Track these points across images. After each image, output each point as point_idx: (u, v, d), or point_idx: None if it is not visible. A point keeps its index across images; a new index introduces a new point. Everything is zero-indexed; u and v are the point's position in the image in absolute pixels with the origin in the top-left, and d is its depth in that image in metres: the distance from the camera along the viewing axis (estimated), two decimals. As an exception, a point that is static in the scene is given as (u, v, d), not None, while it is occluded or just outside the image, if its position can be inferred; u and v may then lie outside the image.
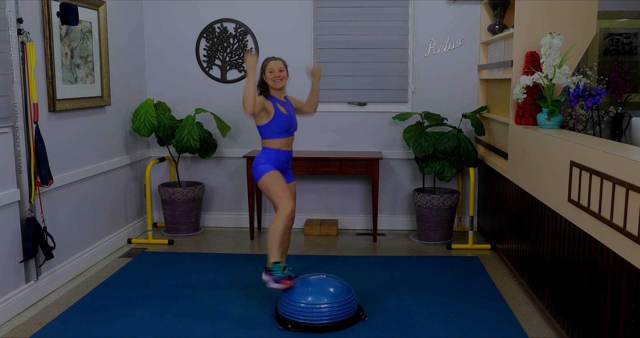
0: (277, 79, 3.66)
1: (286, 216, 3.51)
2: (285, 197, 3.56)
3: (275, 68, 3.67)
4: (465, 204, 5.48)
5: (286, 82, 3.72)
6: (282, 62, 3.71)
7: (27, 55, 3.55)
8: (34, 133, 3.62)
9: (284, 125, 3.67)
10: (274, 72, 3.66)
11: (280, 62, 3.70)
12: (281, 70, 3.68)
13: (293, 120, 3.74)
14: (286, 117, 3.69)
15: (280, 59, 3.73)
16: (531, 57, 3.99)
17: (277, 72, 3.67)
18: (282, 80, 3.68)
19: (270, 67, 3.68)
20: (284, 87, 3.75)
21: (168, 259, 4.60)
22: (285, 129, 3.67)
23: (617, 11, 5.59)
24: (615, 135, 5.48)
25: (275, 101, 3.68)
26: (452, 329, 3.31)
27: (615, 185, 2.48)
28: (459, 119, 5.28)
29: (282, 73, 3.68)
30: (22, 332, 3.30)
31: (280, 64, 3.69)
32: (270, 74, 3.67)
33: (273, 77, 3.66)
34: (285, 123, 3.67)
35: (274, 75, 3.66)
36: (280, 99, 3.73)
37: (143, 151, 5.46)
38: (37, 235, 3.66)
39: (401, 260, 4.60)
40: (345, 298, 3.34)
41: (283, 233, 3.53)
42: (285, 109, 3.72)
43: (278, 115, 3.65)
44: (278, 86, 3.67)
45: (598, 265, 2.69)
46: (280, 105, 3.70)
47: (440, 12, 5.26)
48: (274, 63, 3.69)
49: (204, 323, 3.39)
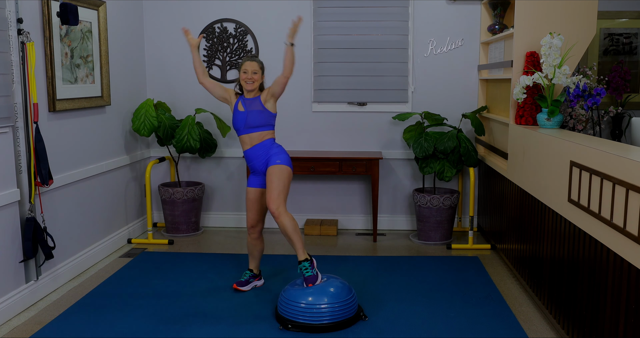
0: (249, 81, 3.65)
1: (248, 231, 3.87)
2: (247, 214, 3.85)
3: (249, 69, 3.65)
4: (465, 204, 5.48)
5: (258, 84, 3.69)
6: (257, 64, 3.67)
7: (27, 55, 3.55)
8: (34, 133, 3.62)
9: (237, 123, 3.71)
10: (247, 74, 3.65)
11: (255, 64, 3.66)
12: (255, 72, 3.65)
13: (247, 117, 3.65)
14: (239, 113, 3.69)
15: (256, 61, 3.68)
16: (531, 57, 3.99)
17: (250, 73, 3.64)
18: (254, 82, 3.66)
19: (245, 67, 3.66)
20: (256, 90, 3.71)
21: (168, 259, 4.60)
22: (238, 126, 3.71)
23: (617, 11, 5.59)
24: (615, 135, 5.48)
25: (241, 99, 3.74)
26: (452, 329, 3.31)
27: (615, 185, 2.48)
28: (459, 119, 5.28)
29: (256, 75, 3.65)
30: (22, 332, 3.30)
31: (255, 66, 3.65)
32: (243, 75, 3.66)
33: (245, 78, 3.65)
34: (237, 120, 3.70)
35: (247, 76, 3.65)
36: (249, 97, 3.72)
37: (143, 151, 5.46)
38: (37, 235, 3.66)
39: (401, 260, 4.60)
40: (345, 298, 3.34)
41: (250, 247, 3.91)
42: (244, 105, 3.69)
43: (235, 112, 3.72)
44: (248, 88, 3.66)
45: (598, 265, 2.69)
46: (241, 102, 3.71)
47: (440, 12, 5.26)
48: (249, 64, 3.65)
49: (204, 323, 3.39)
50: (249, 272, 3.95)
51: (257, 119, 3.66)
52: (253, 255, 3.93)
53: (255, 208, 3.80)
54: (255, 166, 3.73)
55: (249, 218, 3.82)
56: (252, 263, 3.95)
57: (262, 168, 3.71)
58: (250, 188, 3.80)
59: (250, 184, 3.80)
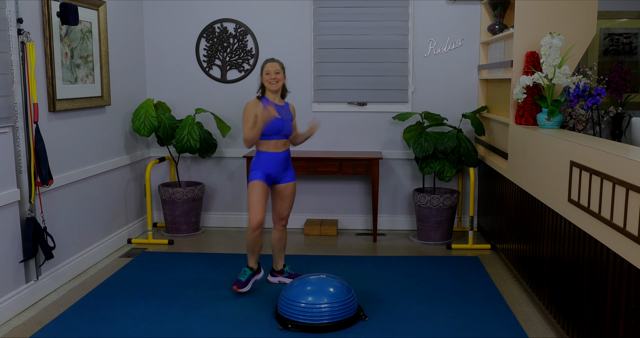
0: (273, 81, 3.74)
1: (251, 228, 3.74)
2: (254, 208, 3.72)
3: (272, 70, 3.74)
4: (465, 204, 5.48)
5: (282, 84, 3.80)
6: (279, 64, 3.78)
7: (27, 55, 3.55)
8: (34, 133, 3.62)
9: (273, 128, 3.72)
10: (270, 74, 3.74)
11: (277, 64, 3.76)
12: (277, 72, 3.75)
13: (284, 125, 3.77)
14: (276, 120, 3.73)
15: (277, 62, 3.79)
16: (531, 57, 3.99)
17: (273, 74, 3.74)
18: (278, 82, 3.76)
19: (267, 69, 3.75)
20: (280, 90, 3.82)
21: (168, 259, 4.60)
22: (274, 131, 3.73)
23: (617, 11, 5.59)
24: (615, 135, 5.48)
25: (266, 103, 3.76)
26: (452, 329, 3.31)
27: (615, 185, 2.48)
28: (459, 119, 5.28)
29: (278, 75, 3.75)
30: (22, 332, 3.30)
31: (276, 66, 3.76)
32: (266, 76, 3.75)
33: (269, 79, 3.74)
34: (274, 125, 3.72)
35: (270, 77, 3.74)
36: (274, 102, 3.80)
37: (143, 151, 5.46)
38: (37, 235, 3.66)
39: (401, 260, 4.60)
40: (345, 298, 3.34)
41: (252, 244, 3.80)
42: (278, 111, 3.77)
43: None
44: (273, 88, 3.75)
45: (598, 265, 2.69)
46: (271, 107, 3.74)
47: (440, 12, 5.26)
48: (271, 65, 3.76)
49: (204, 323, 3.39)
50: (248, 269, 3.92)
51: (289, 128, 3.81)
52: (254, 251, 3.88)
53: (264, 202, 3.78)
54: (272, 169, 3.78)
55: (257, 213, 3.71)
56: (252, 259, 3.91)
57: (276, 173, 3.80)
58: (261, 183, 3.75)
59: (259, 177, 3.76)
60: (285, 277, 4.05)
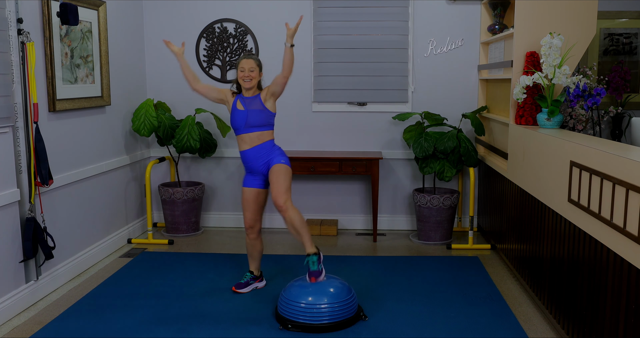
0: (247, 79, 3.65)
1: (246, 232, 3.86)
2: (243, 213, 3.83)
3: (246, 67, 3.64)
4: (465, 204, 5.48)
5: (256, 82, 3.68)
6: (254, 62, 3.66)
7: (27, 55, 3.55)
8: (34, 133, 3.61)
9: (236, 122, 3.68)
10: (244, 72, 3.64)
11: (252, 61, 3.65)
12: (252, 70, 3.64)
13: (247, 116, 3.64)
14: (239, 112, 3.66)
15: (253, 58, 3.67)
16: (531, 57, 3.99)
17: (247, 71, 3.64)
18: (252, 80, 3.65)
19: (242, 65, 3.65)
20: (254, 87, 3.70)
21: (168, 259, 4.60)
22: (237, 125, 3.68)
23: (617, 11, 5.59)
24: (615, 135, 5.48)
25: (240, 98, 3.71)
26: (452, 329, 3.31)
27: (615, 185, 2.48)
28: (459, 119, 5.28)
29: (253, 73, 3.64)
30: (22, 332, 3.30)
31: (251, 63, 3.64)
32: (240, 73, 3.66)
33: (242, 76, 3.65)
34: (237, 119, 3.67)
35: (244, 74, 3.64)
36: (248, 96, 3.71)
37: (143, 151, 5.46)
38: (37, 235, 3.66)
39: (401, 260, 4.60)
40: (345, 298, 3.34)
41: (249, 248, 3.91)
42: (244, 104, 3.68)
43: (233, 111, 3.69)
44: (246, 86, 3.66)
45: (598, 265, 2.69)
46: (240, 100, 3.69)
47: (440, 12, 5.26)
48: (246, 62, 3.65)
49: (204, 323, 3.39)
50: (249, 273, 3.94)
51: (257, 118, 3.66)
52: (252, 256, 3.92)
53: (252, 208, 3.80)
54: (253, 167, 3.73)
55: (246, 218, 3.81)
56: (252, 264, 3.95)
57: (261, 169, 3.71)
58: (246, 189, 3.79)
59: (246, 184, 3.79)
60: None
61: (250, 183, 3.78)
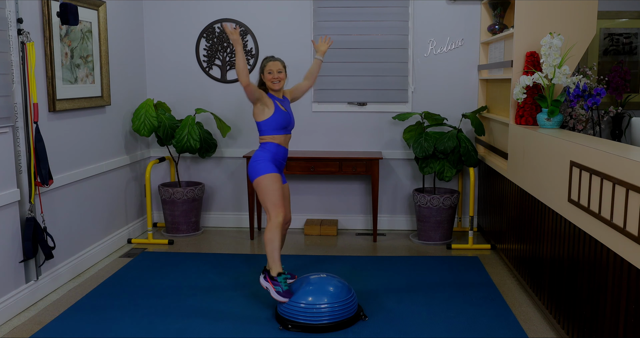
0: (276, 80, 3.69)
1: (279, 225, 3.50)
2: (279, 206, 3.53)
3: (274, 69, 3.68)
4: (465, 204, 5.48)
5: (284, 83, 3.75)
6: (280, 63, 3.73)
7: (27, 55, 3.55)
8: (34, 133, 3.62)
9: (283, 122, 3.68)
10: (273, 73, 3.68)
11: (279, 63, 3.71)
12: (280, 71, 3.69)
13: (292, 118, 3.77)
14: (285, 114, 3.71)
15: (279, 60, 3.74)
16: (531, 57, 3.99)
17: (275, 73, 3.68)
18: (281, 81, 3.70)
19: (269, 68, 3.69)
20: (282, 88, 3.78)
21: (168, 259, 4.60)
22: (284, 125, 3.69)
23: (617, 11, 5.59)
24: (615, 135, 5.48)
25: (274, 99, 3.72)
26: (452, 329, 3.31)
27: (615, 185, 2.48)
28: (459, 119, 5.28)
29: (281, 74, 3.70)
30: (22, 332, 3.30)
31: (279, 65, 3.70)
32: (269, 75, 3.69)
33: (271, 78, 3.69)
34: (284, 120, 3.69)
35: (273, 76, 3.68)
36: (278, 97, 3.76)
37: (143, 151, 5.46)
38: (37, 235, 3.66)
39: (401, 260, 4.60)
40: (345, 298, 3.34)
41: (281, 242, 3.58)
42: (284, 106, 3.75)
43: (278, 111, 3.67)
44: (276, 87, 3.70)
45: (598, 265, 2.69)
46: (279, 102, 3.73)
47: (440, 12, 5.26)
48: (273, 64, 3.70)
49: (204, 323, 3.39)
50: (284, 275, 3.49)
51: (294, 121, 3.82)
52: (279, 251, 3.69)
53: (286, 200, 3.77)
54: (280, 162, 3.72)
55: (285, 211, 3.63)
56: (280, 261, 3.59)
57: (281, 169, 3.75)
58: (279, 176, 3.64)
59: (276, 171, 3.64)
60: None
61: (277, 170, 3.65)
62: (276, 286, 3.39)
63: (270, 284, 3.42)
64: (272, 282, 3.42)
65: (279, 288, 3.38)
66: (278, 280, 3.41)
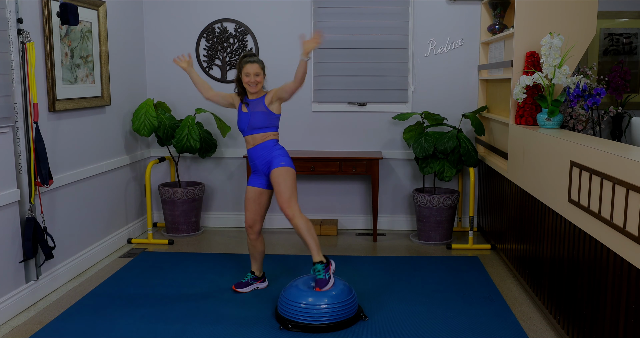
0: (252, 84, 3.66)
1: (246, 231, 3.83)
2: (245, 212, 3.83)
3: (252, 72, 3.63)
4: (465, 204, 5.48)
5: (261, 86, 3.71)
6: (259, 65, 3.65)
7: (27, 55, 3.55)
8: (34, 133, 3.62)
9: (240, 124, 3.75)
10: (250, 77, 3.64)
11: (256, 66, 3.64)
12: (257, 74, 3.64)
13: (250, 119, 3.68)
14: (243, 115, 3.72)
15: (257, 62, 3.65)
16: (531, 57, 3.99)
17: (252, 76, 3.64)
18: (257, 84, 3.67)
19: (247, 70, 3.64)
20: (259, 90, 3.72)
21: (168, 259, 4.60)
22: (241, 127, 3.74)
23: (617, 11, 5.59)
24: (615, 135, 5.48)
25: (246, 99, 3.76)
26: (452, 329, 3.31)
27: (615, 185, 2.48)
28: (459, 119, 5.28)
29: (258, 77, 3.65)
30: (22, 332, 3.30)
31: (256, 68, 3.63)
32: (245, 78, 3.66)
33: (248, 81, 3.65)
34: (241, 121, 3.74)
35: (249, 79, 3.65)
36: (251, 98, 3.74)
37: (143, 151, 5.46)
38: (37, 235, 3.66)
39: (401, 260, 4.60)
40: (345, 298, 3.34)
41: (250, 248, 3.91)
42: (248, 107, 3.71)
43: (238, 113, 3.76)
44: (252, 90, 3.68)
45: (598, 265, 2.69)
46: (245, 103, 3.73)
47: (440, 12, 5.26)
48: (250, 67, 3.63)
49: (204, 324, 3.39)
50: (250, 273, 3.95)
51: (259, 120, 3.67)
52: (254, 256, 3.92)
53: (252, 208, 3.79)
54: (256, 165, 3.74)
55: (247, 217, 3.81)
56: (254, 265, 3.94)
57: (263, 168, 3.71)
58: (250, 187, 3.79)
59: (250, 183, 3.80)
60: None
61: (253, 183, 3.78)
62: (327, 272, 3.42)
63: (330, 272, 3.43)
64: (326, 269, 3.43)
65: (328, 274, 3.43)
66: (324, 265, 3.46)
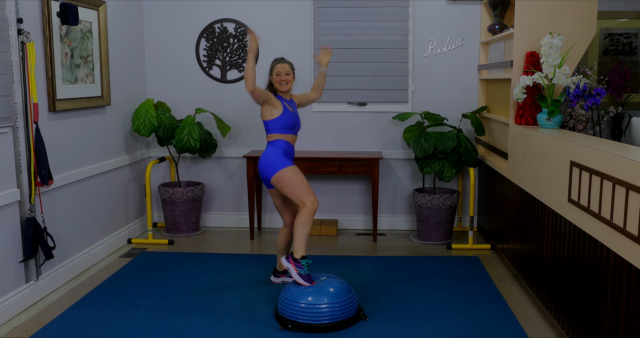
0: (283, 82, 3.76)
1: (314, 212, 3.59)
2: (311, 193, 3.61)
3: (282, 71, 3.75)
4: (465, 204, 5.48)
5: (292, 85, 3.81)
6: (289, 65, 3.79)
7: (27, 55, 3.55)
8: (34, 133, 3.62)
9: (290, 122, 3.75)
10: (281, 75, 3.75)
11: (287, 65, 3.77)
12: (287, 73, 3.76)
13: (298, 120, 3.83)
14: (293, 115, 3.78)
15: (287, 62, 3.80)
16: (531, 57, 3.99)
17: (283, 75, 3.75)
18: (288, 83, 3.77)
19: (277, 70, 3.76)
20: (290, 90, 3.84)
21: (168, 259, 4.60)
22: (291, 126, 3.75)
23: (617, 11, 5.59)
24: (615, 135, 5.48)
25: (282, 100, 3.78)
26: (452, 329, 3.31)
27: (615, 185, 2.48)
28: (459, 119, 5.28)
29: (289, 76, 3.76)
30: (22, 332, 3.30)
31: (287, 67, 3.76)
32: (276, 77, 3.76)
33: (279, 80, 3.76)
34: (292, 120, 3.76)
35: (280, 78, 3.75)
36: (286, 99, 3.83)
37: (143, 151, 5.46)
38: (37, 235, 3.66)
39: (401, 260, 4.60)
40: (345, 298, 3.34)
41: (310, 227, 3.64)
42: (292, 108, 3.82)
43: (286, 112, 3.73)
44: (284, 89, 3.77)
45: (598, 265, 2.69)
46: (287, 104, 3.79)
47: (440, 12, 5.26)
48: (281, 66, 3.76)
49: (204, 323, 3.39)
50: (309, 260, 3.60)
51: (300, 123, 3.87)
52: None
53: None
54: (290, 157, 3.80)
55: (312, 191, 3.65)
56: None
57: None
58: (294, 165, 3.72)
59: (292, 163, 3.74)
60: (288, 277, 4.04)
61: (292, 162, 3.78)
62: (299, 268, 3.44)
63: (292, 265, 3.47)
64: (294, 263, 3.47)
65: (301, 271, 3.43)
66: (301, 262, 3.47)
